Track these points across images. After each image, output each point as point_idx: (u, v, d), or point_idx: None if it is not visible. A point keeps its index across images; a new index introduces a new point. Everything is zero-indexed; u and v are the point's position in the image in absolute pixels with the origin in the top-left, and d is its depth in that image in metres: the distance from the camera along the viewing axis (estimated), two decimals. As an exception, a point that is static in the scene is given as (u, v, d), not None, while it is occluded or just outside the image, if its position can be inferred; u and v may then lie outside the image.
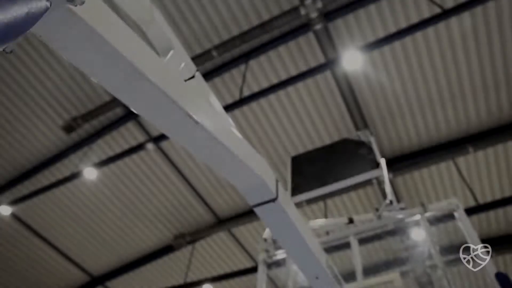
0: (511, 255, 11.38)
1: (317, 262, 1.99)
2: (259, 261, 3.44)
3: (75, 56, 1.08)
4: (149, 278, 12.21)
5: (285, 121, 9.14)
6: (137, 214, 10.74)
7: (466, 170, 9.65)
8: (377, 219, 2.79)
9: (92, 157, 9.69)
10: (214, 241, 11.47)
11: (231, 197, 10.53)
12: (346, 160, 3.49)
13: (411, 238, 3.40)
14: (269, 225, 1.85)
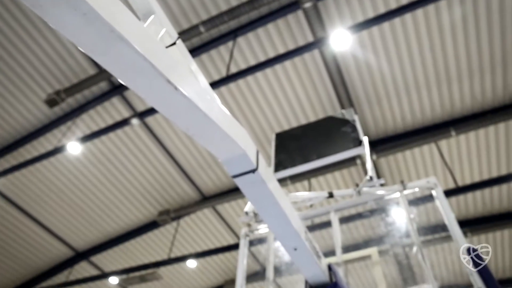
0: (486, 235, 11.80)
1: (295, 234, 2.03)
2: (241, 235, 3.48)
3: (49, 14, 1.05)
4: (133, 253, 12.29)
5: (271, 98, 9.12)
6: (122, 190, 10.70)
7: (448, 153, 9.85)
8: (356, 195, 2.84)
9: (76, 132, 9.55)
10: (199, 218, 11.56)
11: (216, 174, 10.56)
12: (330, 137, 3.51)
13: (390, 217, 3.47)
14: (248, 196, 1.87)
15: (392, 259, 9.67)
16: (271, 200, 1.88)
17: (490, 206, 11.02)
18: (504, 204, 10.92)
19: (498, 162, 9.88)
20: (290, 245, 2.09)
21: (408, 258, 9.58)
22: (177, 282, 13.45)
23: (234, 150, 1.71)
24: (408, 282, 9.98)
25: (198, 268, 12.98)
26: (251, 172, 1.76)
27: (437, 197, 3.01)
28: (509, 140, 9.44)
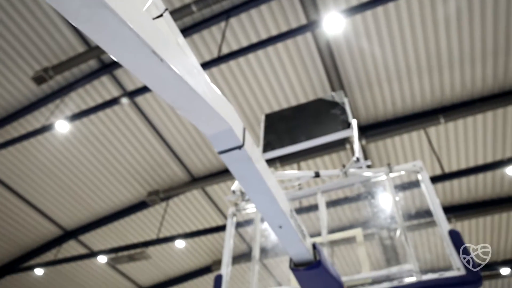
0: (469, 221, 12.08)
1: (281, 212, 2.04)
2: (228, 214, 3.51)
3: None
4: (122, 233, 12.32)
5: (263, 80, 9.07)
6: (111, 170, 10.65)
7: (436, 140, 9.97)
8: (343, 175, 2.87)
9: (65, 110, 9.42)
10: (188, 199, 11.59)
11: (205, 155, 10.55)
12: (319, 119, 3.51)
13: (376, 200, 3.52)
14: (234, 173, 1.87)
15: (377, 240, 9.84)
16: (257, 177, 1.88)
17: (475, 193, 11.24)
18: (488, 191, 11.14)
19: (485, 150, 10.04)
20: (275, 223, 2.11)
21: (392, 240, 9.78)
22: (165, 262, 13.58)
23: (220, 126, 1.70)
24: (391, 263, 10.22)
25: (187, 249, 13.09)
26: (237, 148, 1.76)
27: (422, 181, 3.05)
28: (496, 128, 9.57)
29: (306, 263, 2.30)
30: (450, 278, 2.40)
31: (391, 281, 2.56)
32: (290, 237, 2.16)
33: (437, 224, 2.77)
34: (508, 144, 9.81)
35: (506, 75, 8.63)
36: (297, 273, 2.31)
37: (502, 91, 8.87)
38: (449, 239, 2.57)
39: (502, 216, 11.85)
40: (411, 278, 2.51)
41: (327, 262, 2.36)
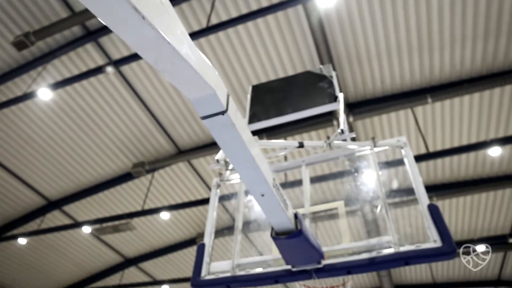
0: (450, 200, 12.38)
1: (263, 180, 2.03)
2: (212, 185, 3.50)
3: None
4: (107, 204, 12.29)
5: (251, 52, 8.92)
6: (95, 140, 10.50)
7: (423, 119, 10.05)
8: (327, 147, 2.86)
9: (47, 78, 9.16)
10: (173, 171, 11.57)
11: (192, 128, 10.47)
12: (306, 92, 3.47)
13: (360, 176, 3.53)
14: (217, 139, 1.84)
15: (359, 216, 10.01)
16: (240, 144, 1.86)
17: (457, 172, 11.48)
18: (470, 171, 11.38)
19: (469, 131, 10.18)
20: (257, 191, 2.10)
21: (374, 214, 10.00)
22: (150, 233, 13.66)
23: (203, 90, 1.66)
24: (371, 236, 10.47)
25: (171, 221, 13.17)
26: (220, 114, 1.73)
27: (405, 156, 3.07)
28: (481, 110, 9.68)
29: (287, 232, 2.31)
30: (426, 250, 2.45)
31: (370, 252, 2.60)
32: (272, 206, 2.16)
33: (417, 198, 2.80)
34: (492, 125, 9.96)
35: (494, 58, 8.66)
36: (278, 242, 2.33)
37: (490, 73, 8.92)
38: (427, 213, 2.61)
39: (481, 196, 12.17)
40: (390, 249, 2.56)
41: (308, 232, 2.37)
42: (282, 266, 2.70)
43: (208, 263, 2.97)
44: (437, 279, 17.16)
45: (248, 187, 2.12)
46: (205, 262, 2.98)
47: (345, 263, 2.56)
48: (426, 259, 2.53)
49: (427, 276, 17.13)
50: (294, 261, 2.56)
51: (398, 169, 5.95)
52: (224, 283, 2.81)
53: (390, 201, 2.97)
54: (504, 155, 10.68)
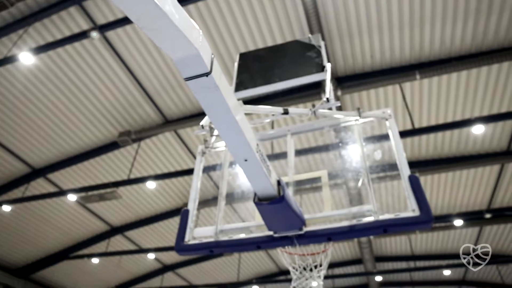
0: (432, 176, 12.66)
1: (247, 144, 2.03)
2: (197, 152, 3.49)
3: None
4: (92, 173, 12.23)
5: (240, 20, 8.72)
6: (80, 107, 10.31)
7: (410, 95, 10.11)
8: (312, 115, 2.86)
9: (28, 42, 8.85)
10: (160, 141, 11.50)
11: (179, 98, 10.34)
12: (294, 61, 3.43)
13: (345, 147, 3.55)
14: (201, 101, 1.82)
15: (342, 184, 10.09)
16: (224, 107, 1.84)
17: (440, 149, 11.68)
18: (453, 148, 11.60)
19: (455, 108, 10.30)
20: (241, 156, 2.11)
21: (356, 185, 10.18)
22: (136, 202, 13.71)
23: (187, 50, 1.62)
24: (353, 204, 10.71)
25: (157, 190, 13.22)
26: (204, 75, 1.70)
27: (389, 127, 3.09)
28: (468, 88, 9.77)
29: (270, 198, 2.34)
30: (405, 218, 2.51)
31: (351, 220, 2.66)
32: (255, 171, 2.17)
33: (399, 169, 2.84)
34: (478, 104, 10.08)
35: (484, 36, 8.66)
36: (260, 207, 2.36)
37: (479, 51, 8.95)
38: (408, 183, 2.66)
39: (462, 173, 12.47)
40: (370, 217, 2.62)
41: (290, 198, 2.40)
42: (264, 232, 2.74)
43: (191, 228, 3.00)
44: (416, 251, 17.79)
45: (231, 151, 2.12)
46: (189, 227, 3.01)
47: (326, 230, 2.62)
48: (404, 227, 2.60)
49: (406, 248, 17.74)
50: (276, 227, 2.61)
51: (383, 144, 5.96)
52: (207, 248, 2.85)
53: (373, 173, 3.01)
54: (487, 134, 10.88)
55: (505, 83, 9.48)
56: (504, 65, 9.13)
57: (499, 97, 9.81)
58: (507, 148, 11.23)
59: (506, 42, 8.63)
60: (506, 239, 15.73)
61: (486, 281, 19.99)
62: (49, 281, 16.44)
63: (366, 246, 15.62)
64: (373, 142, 3.59)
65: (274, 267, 19.65)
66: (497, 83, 9.52)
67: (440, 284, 21.22)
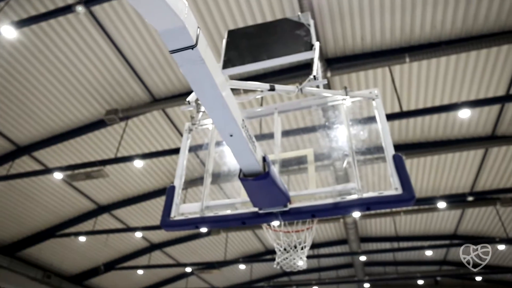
0: (418, 159, 12.86)
1: (232, 119, 2.02)
2: (184, 129, 3.47)
3: None
4: (79, 151, 12.10)
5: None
6: (65, 84, 10.10)
7: (399, 78, 10.15)
8: (298, 92, 2.86)
9: (10, 14, 8.55)
10: (148, 119, 11.39)
11: (167, 76, 10.20)
12: (283, 39, 3.40)
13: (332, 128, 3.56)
14: (186, 75, 1.80)
15: (328, 164, 10.13)
16: (210, 81, 1.82)
17: (427, 133, 11.84)
18: (440, 132, 11.76)
19: (443, 92, 10.39)
20: (226, 131, 2.10)
21: (342, 163, 10.31)
22: (123, 181, 13.67)
23: (172, 22, 1.60)
24: (339, 182, 10.86)
25: (145, 169, 13.18)
26: (190, 48, 1.67)
27: (376, 107, 3.11)
28: (457, 72, 9.83)
29: (255, 174, 2.35)
30: (388, 196, 2.55)
31: (335, 197, 2.69)
32: (241, 147, 2.17)
33: (383, 148, 2.86)
34: (465, 88, 10.18)
35: (475, 21, 8.67)
36: (245, 183, 2.37)
37: (469, 36, 8.98)
38: (392, 162, 2.69)
39: (447, 156, 12.69)
40: (353, 195, 2.65)
41: (275, 175, 2.42)
42: (249, 208, 2.77)
43: (177, 204, 3.01)
44: (400, 233, 18.22)
45: (217, 126, 2.11)
46: (175, 203, 3.02)
47: (310, 207, 2.64)
48: (387, 205, 2.65)
49: (391, 229, 18.14)
50: (261, 204, 2.63)
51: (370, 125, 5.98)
52: (193, 224, 2.87)
53: (359, 153, 3.03)
54: (473, 118, 11.04)
55: (493, 68, 9.57)
56: (493, 50, 9.20)
57: (487, 82, 9.91)
58: (491, 133, 11.43)
59: (496, 27, 8.67)
60: (486, 222, 16.19)
61: (466, 261, 20.62)
62: (36, 259, 16.45)
63: (352, 227, 15.94)
64: (360, 122, 3.61)
65: (261, 246, 19.95)
66: (485, 68, 9.60)
67: (422, 264, 21.86)
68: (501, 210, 15.03)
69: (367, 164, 11.13)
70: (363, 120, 4.09)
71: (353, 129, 3.11)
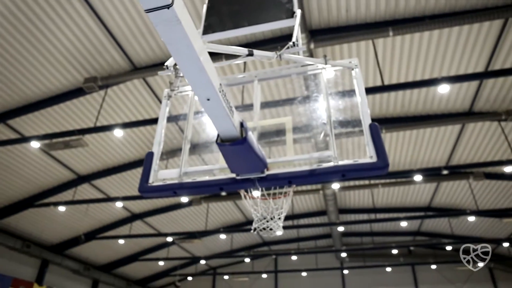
0: (398, 133, 13.12)
1: (209, 83, 2.01)
2: (163, 96, 3.43)
3: None
4: (56, 120, 11.82)
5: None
6: (41, 50, 9.72)
7: (382, 52, 10.17)
8: (277, 57, 2.84)
9: (-19, -28, 8.10)
10: (128, 88, 11.16)
11: (149, 44, 9.94)
12: (264, 6, 3.33)
13: (312, 100, 3.58)
14: (162, 35, 1.77)
15: (306, 132, 10.12)
16: (186, 42, 1.79)
17: (407, 107, 12.02)
18: (419, 107, 11.96)
19: (424, 67, 10.49)
20: (203, 95, 2.09)
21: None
22: (103, 150, 13.51)
23: (147, -21, 1.55)
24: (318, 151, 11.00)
25: (125, 139, 13.03)
26: (166, 7, 1.63)
27: (355, 77, 3.13)
28: (438, 47, 9.91)
29: (232, 140, 2.36)
30: (363, 164, 2.61)
31: (311, 165, 2.74)
32: (218, 111, 2.17)
33: (360, 117, 2.90)
34: (446, 64, 10.30)
35: (459, -5, 8.68)
36: (222, 148, 2.38)
37: (453, 11, 9.00)
38: (368, 131, 2.74)
39: (426, 131, 12.98)
40: (329, 163, 2.70)
41: (253, 141, 2.44)
42: (227, 175, 2.79)
43: (156, 170, 3.01)
44: (377, 204, 18.78)
45: (194, 90, 2.09)
46: (153, 169, 3.02)
47: (286, 173, 2.69)
48: (362, 173, 2.71)
49: (369, 201, 18.67)
50: (239, 170, 2.65)
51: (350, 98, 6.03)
52: (171, 189, 2.88)
53: (336, 121, 3.06)
54: (452, 94, 11.25)
55: (474, 45, 9.68)
56: (475, 26, 9.27)
57: (467, 58, 10.05)
58: (469, 109, 11.70)
59: (479, 4, 8.71)
60: (459, 195, 16.83)
61: (438, 232, 21.58)
62: (14, 229, 16.32)
63: (331, 198, 16.32)
64: (340, 93, 3.62)
65: (241, 216, 20.29)
66: (466, 44, 9.70)
67: (397, 234, 22.74)
68: (473, 184, 15.62)
69: (345, 136, 11.28)
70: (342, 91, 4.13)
71: (332, 99, 3.14)
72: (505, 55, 9.75)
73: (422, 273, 23.77)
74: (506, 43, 9.47)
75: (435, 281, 23.33)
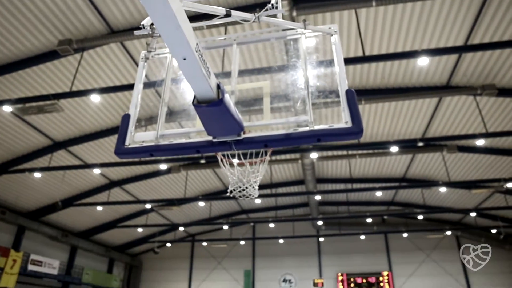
0: (377, 105, 13.29)
1: (185, 42, 1.97)
2: (140, 58, 3.35)
3: None
4: (29, 83, 11.40)
5: None
6: (11, 10, 9.21)
7: (364, 23, 10.12)
8: (256, 19, 2.79)
9: None
10: (105, 52, 10.80)
11: (126, 7, 9.56)
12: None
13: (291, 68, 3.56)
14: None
15: (291, 107, 10.18)
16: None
17: (387, 79, 12.13)
18: (398, 79, 12.09)
19: (406, 39, 10.52)
20: (179, 54, 2.06)
21: (300, 102, 10.48)
22: (80, 116, 13.19)
23: None
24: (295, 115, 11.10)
25: (103, 104, 12.73)
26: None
27: (334, 43, 3.12)
28: (420, 19, 9.91)
29: (209, 101, 2.35)
30: (338, 129, 2.66)
31: (287, 129, 2.76)
32: (194, 71, 2.14)
33: (337, 83, 2.92)
34: (427, 36, 10.35)
35: (442, -35, 8.62)
36: (199, 109, 2.37)
37: (435, -19, 8.96)
38: (344, 96, 2.77)
39: (404, 103, 13.19)
40: (305, 127, 2.73)
41: (229, 103, 2.43)
42: (203, 137, 2.79)
43: (132, 132, 2.98)
44: (354, 175, 19.24)
45: (170, 49, 2.05)
46: (130, 131, 2.98)
47: (263, 137, 2.71)
48: (337, 137, 2.75)
49: (346, 171, 19.09)
50: (215, 132, 2.65)
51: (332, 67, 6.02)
52: (147, 151, 2.87)
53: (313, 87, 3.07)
54: (431, 67, 11.38)
55: (455, 18, 9.72)
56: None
57: (448, 31, 10.11)
58: (446, 83, 11.90)
59: (461, -26, 8.69)
60: (433, 166, 17.40)
61: (411, 202, 22.41)
62: (-11, 194, 16.03)
63: (309, 168, 16.59)
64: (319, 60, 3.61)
65: (220, 184, 20.46)
66: (448, 16, 9.74)
67: (372, 204, 23.50)
68: (446, 156, 16.15)
69: (323, 104, 11.32)
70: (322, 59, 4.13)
71: (311, 65, 3.13)
72: (485, 29, 9.86)
73: (394, 240, 24.85)
74: (486, 17, 9.55)
75: (406, 248, 24.46)
